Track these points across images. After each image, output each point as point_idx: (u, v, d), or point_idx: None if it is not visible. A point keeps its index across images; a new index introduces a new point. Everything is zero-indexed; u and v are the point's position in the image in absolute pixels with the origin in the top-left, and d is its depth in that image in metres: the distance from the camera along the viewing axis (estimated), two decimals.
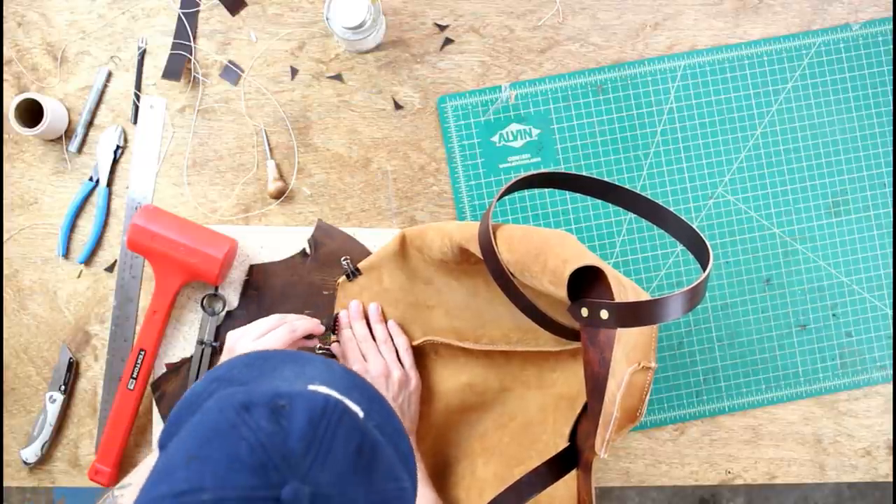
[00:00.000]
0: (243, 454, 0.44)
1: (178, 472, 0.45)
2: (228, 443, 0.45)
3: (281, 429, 0.46)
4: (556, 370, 0.87)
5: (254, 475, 0.44)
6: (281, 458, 0.44)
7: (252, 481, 0.43)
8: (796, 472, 0.97)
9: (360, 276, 0.93)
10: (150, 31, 0.97)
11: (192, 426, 0.48)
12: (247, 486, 0.43)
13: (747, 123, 0.97)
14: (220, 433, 0.46)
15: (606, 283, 0.67)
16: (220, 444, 0.45)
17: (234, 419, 0.46)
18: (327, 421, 0.46)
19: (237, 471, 0.44)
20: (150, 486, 0.46)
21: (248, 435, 0.45)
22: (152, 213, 0.91)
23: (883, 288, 0.97)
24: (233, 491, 0.43)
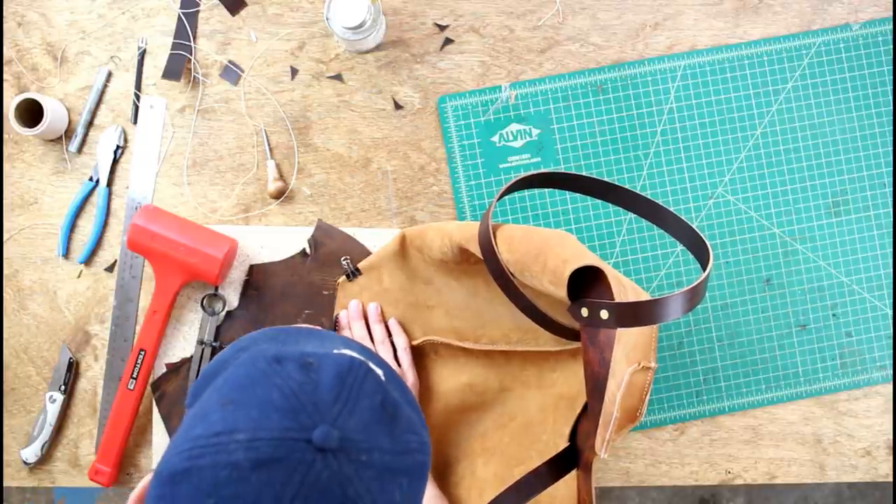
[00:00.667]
0: (276, 399, 0.46)
1: (213, 415, 0.47)
2: (262, 389, 0.47)
3: (311, 380, 0.48)
4: (556, 370, 0.87)
5: (286, 418, 0.46)
6: (312, 405, 0.46)
7: (285, 423, 0.45)
8: (796, 472, 0.97)
9: (360, 276, 0.93)
10: (150, 31, 0.97)
11: (224, 377, 0.50)
12: (280, 427, 0.45)
13: (747, 123, 0.97)
14: (254, 381, 0.48)
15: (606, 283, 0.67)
16: (254, 391, 0.47)
17: (267, 369, 0.49)
18: (353, 376, 0.49)
19: (271, 414, 0.46)
20: (184, 430, 0.48)
21: (280, 383, 0.47)
22: (152, 213, 0.91)
23: (883, 288, 0.97)
24: (266, 432, 0.45)
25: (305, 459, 0.45)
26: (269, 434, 0.45)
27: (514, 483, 0.76)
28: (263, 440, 0.45)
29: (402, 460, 0.48)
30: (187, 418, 0.50)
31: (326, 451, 0.45)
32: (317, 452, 0.45)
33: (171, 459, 0.47)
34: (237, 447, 0.45)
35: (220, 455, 0.45)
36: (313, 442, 0.45)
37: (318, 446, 0.45)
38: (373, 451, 0.47)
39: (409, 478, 0.49)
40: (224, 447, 0.45)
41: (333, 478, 0.45)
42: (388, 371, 0.54)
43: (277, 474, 0.44)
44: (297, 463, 0.45)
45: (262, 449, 0.45)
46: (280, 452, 0.45)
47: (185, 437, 0.47)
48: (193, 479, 0.45)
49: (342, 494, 0.45)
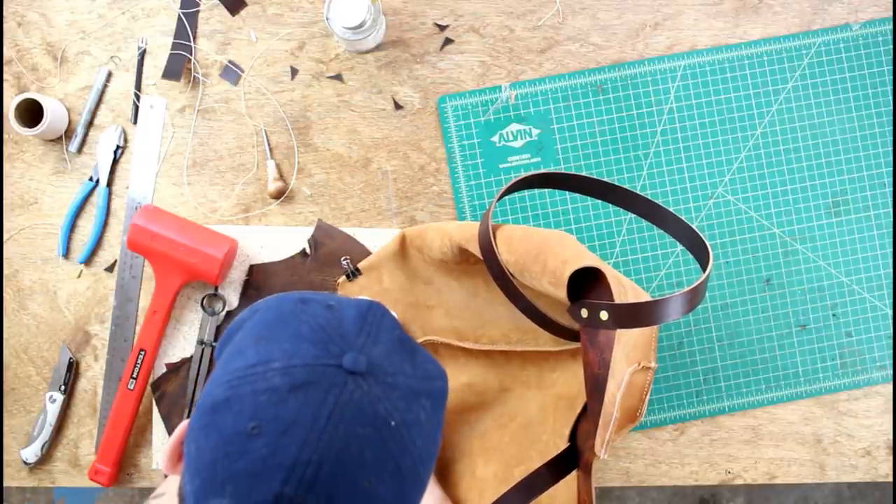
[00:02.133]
0: (306, 333, 0.51)
1: (248, 350, 0.51)
2: (292, 326, 0.52)
3: (336, 316, 0.53)
4: (556, 370, 0.87)
5: (317, 348, 0.50)
6: (339, 336, 0.51)
7: (316, 352, 0.50)
8: (796, 472, 0.97)
9: (360, 276, 0.93)
10: (150, 31, 0.97)
11: (254, 321, 0.55)
12: (311, 356, 0.49)
13: (747, 123, 0.97)
14: (283, 320, 0.53)
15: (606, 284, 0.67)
16: (285, 328, 0.52)
17: (294, 309, 0.53)
18: (372, 314, 0.54)
19: (302, 345, 0.50)
20: (223, 365, 0.52)
21: (308, 319, 0.52)
22: (152, 213, 0.91)
23: (883, 288, 0.97)
24: (300, 359, 0.49)
25: (338, 382, 0.49)
26: (303, 361, 0.49)
27: (514, 485, 0.76)
28: (298, 367, 0.49)
29: (424, 384, 0.53)
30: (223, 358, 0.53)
31: (356, 374, 0.49)
32: (347, 375, 0.49)
33: (212, 391, 0.50)
34: (274, 374, 0.49)
35: (259, 382, 0.49)
36: (343, 366, 0.49)
37: (348, 370, 0.49)
38: (397, 375, 0.51)
39: (431, 400, 0.53)
40: (262, 375, 0.49)
41: (364, 397, 0.49)
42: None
43: (313, 395, 0.48)
44: (330, 385, 0.48)
45: (297, 374, 0.49)
46: (314, 376, 0.49)
47: (223, 372, 0.51)
48: (235, 406, 0.48)
49: (373, 412, 0.49)
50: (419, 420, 0.51)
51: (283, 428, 0.47)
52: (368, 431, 0.48)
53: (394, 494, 0.50)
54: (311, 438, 0.47)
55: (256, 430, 0.47)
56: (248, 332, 0.53)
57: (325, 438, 0.47)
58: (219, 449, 0.48)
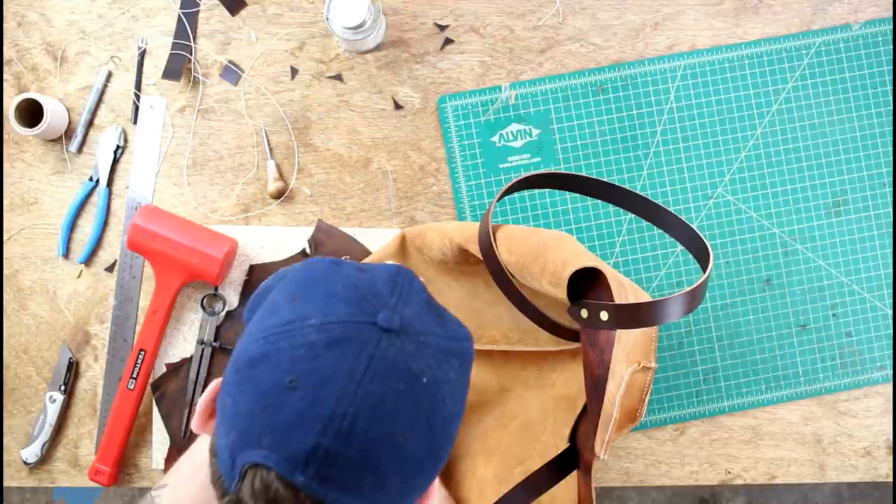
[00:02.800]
0: (340, 292, 0.52)
1: (283, 309, 0.52)
2: (326, 285, 0.53)
3: (368, 277, 0.54)
4: (556, 370, 0.87)
5: (351, 306, 0.51)
6: (372, 296, 0.52)
7: (351, 310, 0.51)
8: (796, 472, 0.97)
9: None
10: (150, 31, 0.97)
11: (286, 283, 0.56)
12: (346, 313, 0.51)
13: (747, 123, 0.97)
14: (317, 280, 0.54)
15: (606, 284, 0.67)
16: (319, 287, 0.53)
17: (326, 270, 0.55)
18: (402, 277, 0.55)
19: (337, 304, 0.51)
20: (257, 323, 0.53)
21: (341, 279, 0.53)
22: (152, 213, 0.91)
23: (883, 288, 0.97)
24: (335, 317, 0.50)
25: (372, 338, 0.50)
26: (338, 318, 0.50)
27: (515, 485, 0.76)
28: (334, 323, 0.50)
29: (453, 344, 0.54)
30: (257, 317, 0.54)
31: (390, 332, 0.50)
32: (382, 332, 0.50)
33: (247, 348, 0.51)
34: (311, 330, 0.50)
35: (296, 338, 0.50)
36: (378, 324, 0.50)
37: (382, 327, 0.50)
38: (428, 334, 0.53)
39: (459, 361, 0.54)
40: (299, 331, 0.50)
41: (398, 354, 0.50)
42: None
43: (349, 351, 0.49)
44: (365, 341, 0.50)
45: (333, 331, 0.50)
46: (350, 333, 0.50)
47: (258, 328, 0.52)
48: (272, 360, 0.49)
49: (406, 368, 0.50)
50: (449, 378, 0.53)
51: (320, 381, 0.48)
52: (402, 386, 0.49)
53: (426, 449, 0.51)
54: (348, 392, 0.48)
55: (294, 384, 0.48)
56: (281, 293, 0.54)
57: (360, 392, 0.48)
58: (256, 402, 0.49)
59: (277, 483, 0.47)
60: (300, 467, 0.47)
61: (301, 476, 0.47)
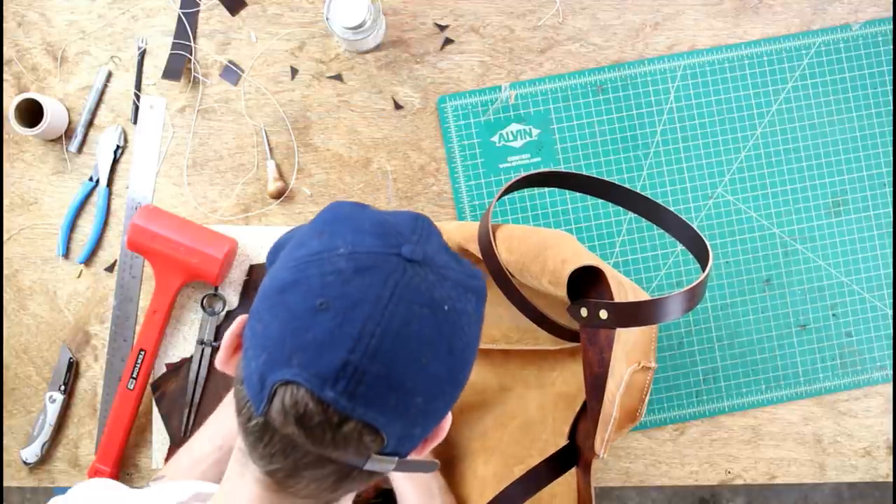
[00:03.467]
0: (366, 227, 0.55)
1: (311, 241, 0.55)
2: (351, 221, 0.56)
3: (392, 217, 0.57)
4: (556, 369, 0.87)
5: (377, 239, 0.54)
6: (396, 231, 0.55)
7: (377, 242, 0.54)
8: (796, 472, 0.97)
9: None
10: (150, 31, 0.97)
11: (312, 222, 0.58)
12: (373, 245, 0.53)
13: (747, 123, 0.97)
14: (342, 217, 0.57)
15: (606, 283, 0.67)
16: (345, 222, 0.56)
17: (351, 210, 0.58)
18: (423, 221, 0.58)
19: (363, 237, 0.54)
20: (287, 253, 0.56)
21: (367, 217, 0.56)
22: (152, 213, 0.91)
23: (883, 288, 0.97)
24: (363, 247, 0.53)
25: (398, 268, 0.52)
26: (366, 249, 0.53)
27: (513, 482, 0.76)
28: (361, 253, 0.53)
29: (470, 280, 0.57)
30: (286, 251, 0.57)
31: (413, 262, 0.53)
32: (406, 263, 0.53)
33: (277, 276, 0.54)
34: (339, 258, 0.52)
35: (325, 265, 0.52)
36: (402, 255, 0.53)
37: (406, 258, 0.53)
38: (448, 269, 0.55)
39: (476, 297, 0.57)
40: (328, 259, 0.53)
41: (422, 282, 0.53)
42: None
43: (376, 277, 0.52)
44: (391, 269, 0.52)
45: (361, 259, 0.52)
46: (376, 262, 0.52)
47: (287, 258, 0.55)
48: (302, 285, 0.52)
49: (430, 295, 0.53)
50: (467, 310, 0.55)
51: (349, 304, 0.50)
52: (426, 312, 0.52)
53: (446, 371, 0.54)
54: (376, 313, 0.50)
55: (324, 306, 0.51)
56: (308, 230, 0.57)
57: (387, 314, 0.51)
58: (287, 324, 0.51)
59: (307, 398, 0.49)
60: (330, 383, 0.49)
61: (330, 391, 0.49)
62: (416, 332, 0.52)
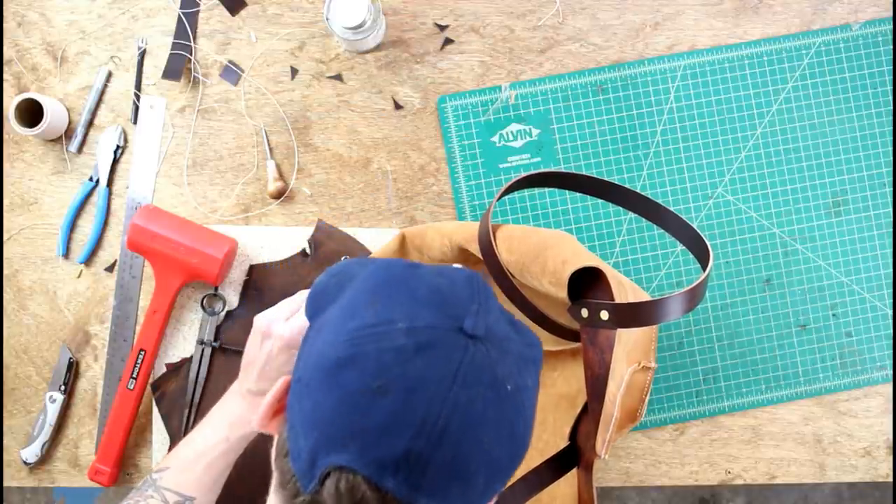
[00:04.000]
0: (422, 296, 0.51)
1: (365, 311, 0.51)
2: (406, 288, 0.52)
3: (447, 280, 0.53)
4: (556, 369, 0.87)
5: (436, 311, 0.50)
6: (455, 300, 0.51)
7: (436, 315, 0.50)
8: (796, 472, 0.97)
9: None
10: (150, 31, 0.97)
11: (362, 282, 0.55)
12: (433, 318, 0.50)
13: (747, 123, 0.97)
14: (396, 282, 0.53)
15: (606, 284, 0.67)
16: (399, 290, 0.52)
17: (404, 272, 0.54)
18: (478, 283, 0.54)
19: (420, 308, 0.51)
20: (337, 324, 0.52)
21: (422, 283, 0.53)
22: (152, 213, 0.91)
23: (883, 288, 0.97)
24: (422, 322, 0.50)
25: (460, 344, 0.49)
26: (425, 323, 0.50)
27: (514, 482, 0.76)
28: (421, 328, 0.49)
29: (531, 352, 0.54)
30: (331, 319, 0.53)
31: (476, 338, 0.50)
32: (468, 339, 0.50)
33: (329, 350, 0.50)
34: (398, 334, 0.49)
35: (383, 342, 0.49)
36: (464, 330, 0.50)
37: (468, 334, 0.50)
38: (510, 342, 0.52)
39: (535, 368, 0.55)
40: (386, 334, 0.49)
41: (484, 360, 0.50)
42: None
43: (439, 356, 0.48)
44: (453, 346, 0.49)
45: (421, 335, 0.49)
46: (437, 338, 0.49)
47: (338, 331, 0.51)
48: (359, 364, 0.49)
49: (493, 375, 0.50)
50: (528, 385, 0.53)
51: (411, 386, 0.48)
52: (490, 393, 0.49)
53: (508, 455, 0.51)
54: (439, 397, 0.48)
55: (383, 388, 0.48)
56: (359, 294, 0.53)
57: (451, 398, 0.48)
58: (342, 405, 0.48)
59: (365, 486, 0.47)
60: (390, 471, 0.47)
61: (391, 480, 0.47)
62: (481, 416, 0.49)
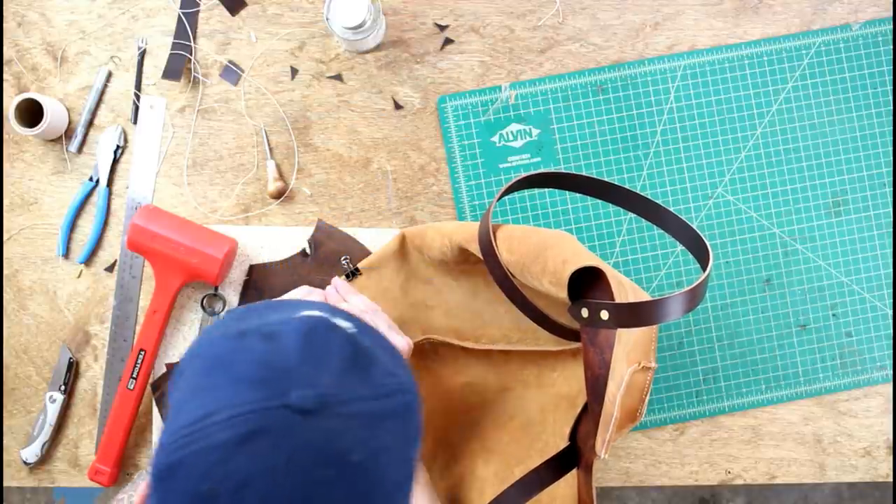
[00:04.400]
0: (245, 373, 0.47)
1: (188, 404, 0.47)
2: (229, 367, 0.47)
3: (276, 346, 0.48)
4: (556, 369, 0.87)
5: (259, 390, 0.46)
6: (281, 371, 0.47)
7: (259, 395, 0.45)
8: (796, 472, 0.97)
9: (359, 276, 0.93)
10: (150, 31, 0.97)
11: (191, 367, 0.50)
12: (254, 399, 0.45)
13: (747, 123, 0.97)
14: (220, 362, 0.48)
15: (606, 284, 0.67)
16: (223, 371, 0.47)
17: (229, 347, 0.49)
18: (318, 335, 0.49)
19: (244, 389, 0.46)
20: (168, 425, 0.48)
21: (246, 358, 0.48)
22: (152, 213, 0.91)
23: (883, 288, 0.97)
24: (244, 406, 0.45)
25: (288, 424, 0.45)
26: (248, 407, 0.45)
27: (514, 483, 0.76)
28: (242, 416, 0.45)
29: (384, 404, 0.49)
30: (168, 415, 0.50)
31: (306, 412, 0.45)
32: (297, 415, 0.45)
33: (161, 455, 0.47)
34: (218, 428, 0.45)
35: (207, 439, 0.45)
36: (291, 406, 0.45)
37: (296, 409, 0.45)
38: (352, 402, 0.47)
39: (396, 420, 0.49)
40: (205, 431, 0.45)
41: (320, 436, 0.45)
42: (358, 322, 0.54)
43: (263, 445, 0.44)
44: (280, 430, 0.45)
45: (241, 425, 0.45)
46: (261, 423, 0.45)
47: (167, 433, 0.48)
48: (186, 469, 0.45)
49: (332, 451, 0.45)
50: (386, 446, 0.48)
51: (238, 485, 0.44)
52: (331, 473, 0.45)
53: None
54: (270, 493, 0.44)
55: (213, 493, 0.44)
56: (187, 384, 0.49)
57: (285, 491, 0.44)
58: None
59: None
60: None
61: None
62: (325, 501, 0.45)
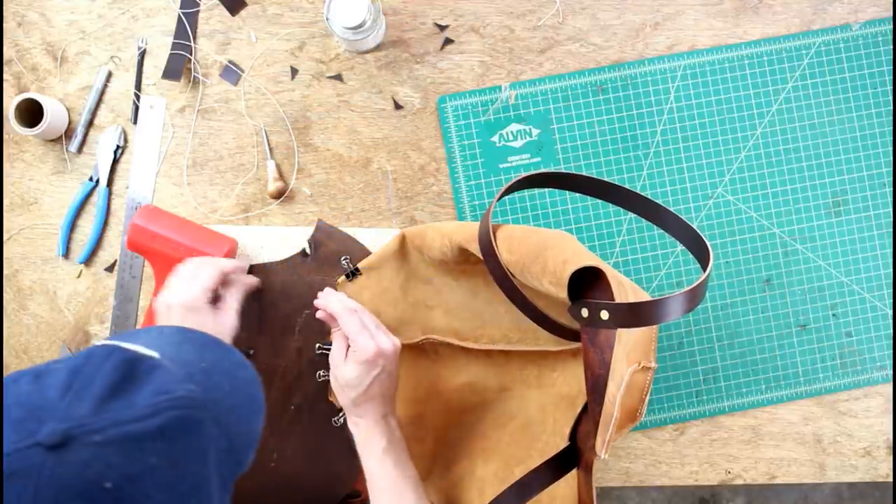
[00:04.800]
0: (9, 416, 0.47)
1: None
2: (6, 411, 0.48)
3: (39, 386, 0.49)
4: (556, 369, 0.87)
5: (15, 432, 0.46)
6: (38, 409, 0.47)
7: (13, 437, 0.46)
8: (796, 472, 0.97)
9: (359, 276, 0.93)
10: (150, 31, 0.97)
11: None
12: (10, 442, 0.46)
13: (747, 123, 0.97)
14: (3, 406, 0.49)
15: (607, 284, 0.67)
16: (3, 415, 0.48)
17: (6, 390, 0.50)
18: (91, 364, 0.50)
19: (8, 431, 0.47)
20: None
21: (11, 400, 0.48)
22: (152, 213, 0.91)
23: (883, 288, 0.97)
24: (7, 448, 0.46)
25: (37, 463, 0.45)
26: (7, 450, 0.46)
27: (514, 483, 0.76)
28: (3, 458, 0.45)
29: (147, 425, 0.48)
30: None
31: (53, 447, 0.46)
32: (48, 452, 0.45)
33: None
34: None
35: None
36: (42, 443, 0.46)
37: (46, 446, 0.46)
38: (109, 428, 0.47)
39: (165, 440, 0.49)
40: None
41: (67, 470, 0.45)
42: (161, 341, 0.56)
43: (14, 488, 0.45)
44: (29, 469, 0.45)
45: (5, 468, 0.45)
46: (14, 466, 0.45)
47: None
48: None
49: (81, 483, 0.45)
50: (150, 467, 0.47)
51: None
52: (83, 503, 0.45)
53: None
54: None
55: None
56: None
57: None
58: None
59: None
60: None
61: None
62: None
